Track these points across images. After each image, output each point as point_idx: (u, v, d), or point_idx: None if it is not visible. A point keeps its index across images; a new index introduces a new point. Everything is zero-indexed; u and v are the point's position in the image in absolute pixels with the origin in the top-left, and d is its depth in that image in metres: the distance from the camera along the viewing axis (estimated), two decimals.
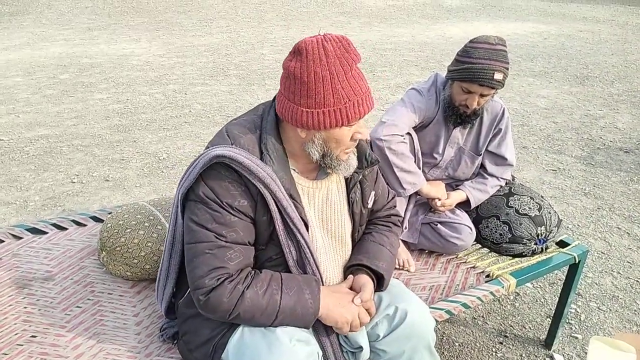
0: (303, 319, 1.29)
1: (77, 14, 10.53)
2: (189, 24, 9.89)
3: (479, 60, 1.81)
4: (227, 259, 1.24)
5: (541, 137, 4.86)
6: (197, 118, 4.94)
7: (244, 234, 1.27)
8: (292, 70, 1.18)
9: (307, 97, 1.19)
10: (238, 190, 1.25)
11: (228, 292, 1.23)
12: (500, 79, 1.82)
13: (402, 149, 1.92)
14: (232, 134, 1.28)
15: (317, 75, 1.17)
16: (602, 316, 2.53)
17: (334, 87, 1.18)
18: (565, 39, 9.67)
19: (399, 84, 6.33)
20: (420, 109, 1.98)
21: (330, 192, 1.41)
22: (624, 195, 3.79)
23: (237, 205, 1.25)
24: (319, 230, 1.41)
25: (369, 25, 10.50)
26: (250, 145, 1.27)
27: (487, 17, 12.17)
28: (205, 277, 1.23)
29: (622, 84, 6.78)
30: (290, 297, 1.28)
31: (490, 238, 2.07)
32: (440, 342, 2.31)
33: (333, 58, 1.17)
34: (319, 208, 1.40)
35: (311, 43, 1.17)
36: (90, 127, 4.62)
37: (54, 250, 1.90)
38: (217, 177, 1.24)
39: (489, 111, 2.06)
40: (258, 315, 1.26)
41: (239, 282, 1.25)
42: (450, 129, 2.05)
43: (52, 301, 1.64)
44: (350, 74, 1.20)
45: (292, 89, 1.20)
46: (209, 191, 1.24)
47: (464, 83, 1.87)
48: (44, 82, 5.93)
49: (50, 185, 3.56)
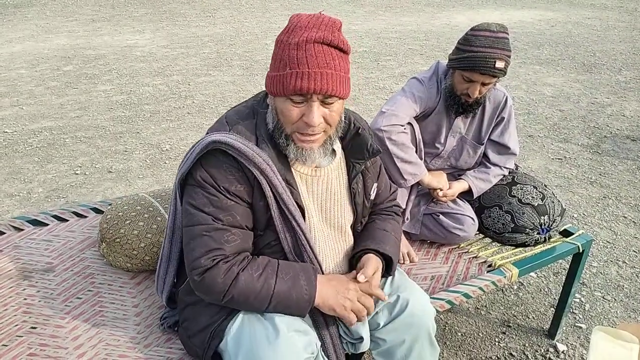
0: (298, 306, 1.28)
1: (81, 6, 10.52)
2: (193, 15, 9.85)
3: (480, 48, 1.78)
4: (223, 240, 1.24)
5: (547, 126, 4.81)
6: (200, 109, 4.93)
7: (241, 218, 1.27)
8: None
9: (273, 60, 1.22)
10: (235, 175, 1.25)
11: (222, 273, 1.22)
12: (502, 67, 1.79)
13: (403, 139, 1.90)
14: (231, 120, 1.29)
15: (283, 43, 1.19)
16: (606, 306, 2.51)
17: (289, 55, 1.16)
18: (573, 26, 9.56)
19: (403, 73, 6.29)
20: (421, 99, 1.96)
21: (330, 181, 1.40)
22: (631, 184, 3.75)
23: (234, 190, 1.25)
24: (319, 219, 1.40)
25: (374, 14, 10.42)
26: (247, 131, 1.27)
27: (493, 4, 12.04)
28: (201, 257, 1.23)
29: (630, 72, 6.69)
30: (285, 282, 1.27)
31: (493, 228, 2.05)
32: (443, 332, 2.30)
33: (300, 29, 1.17)
34: (319, 197, 1.39)
35: (298, 17, 1.20)
36: (94, 119, 4.62)
37: (54, 241, 1.90)
38: (215, 162, 1.25)
39: (491, 100, 2.03)
40: (252, 299, 1.25)
41: (235, 264, 1.25)
42: (452, 118, 2.02)
43: (52, 292, 1.64)
44: (310, 46, 1.15)
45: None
46: (206, 175, 1.25)
47: (465, 72, 1.84)
48: (48, 74, 5.93)
49: (54, 177, 3.56)
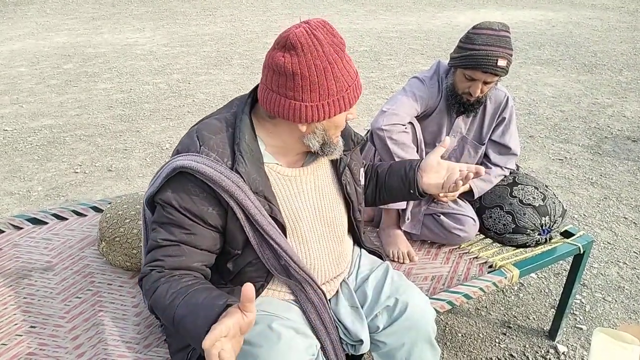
0: (191, 337, 1.08)
1: (81, 4, 10.51)
2: (193, 13, 9.84)
3: (482, 46, 1.77)
4: (166, 254, 1.21)
5: (548, 126, 4.81)
6: (200, 107, 4.93)
7: (197, 238, 1.22)
8: (288, 66, 1.13)
9: (309, 91, 1.14)
10: (200, 197, 1.20)
11: (150, 282, 1.20)
12: (504, 66, 1.78)
13: (404, 138, 1.89)
14: (202, 136, 1.23)
15: (318, 68, 1.13)
16: (607, 307, 2.51)
17: (335, 76, 1.15)
18: (574, 27, 9.55)
19: (404, 73, 6.28)
20: (422, 98, 1.95)
21: (318, 178, 1.38)
22: (632, 184, 3.75)
23: (198, 212, 1.20)
24: (312, 219, 1.37)
25: (375, 13, 10.41)
26: (220, 147, 1.22)
27: (494, 4, 12.03)
28: (145, 265, 1.23)
29: (631, 72, 6.68)
30: (187, 308, 1.11)
31: (494, 228, 2.05)
32: (443, 333, 2.30)
33: (327, 47, 1.14)
34: (310, 195, 1.37)
35: (303, 35, 1.12)
36: (94, 117, 4.62)
37: (54, 240, 1.89)
38: (179, 185, 1.20)
39: (492, 100, 2.02)
40: (161, 312, 1.17)
41: (163, 276, 1.20)
42: (453, 118, 2.01)
43: (51, 291, 1.64)
44: (345, 60, 1.18)
45: (289, 85, 1.14)
46: (168, 197, 1.21)
47: (467, 70, 1.83)
48: (48, 72, 5.93)
49: (54, 176, 3.56)
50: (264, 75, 1.20)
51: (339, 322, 1.43)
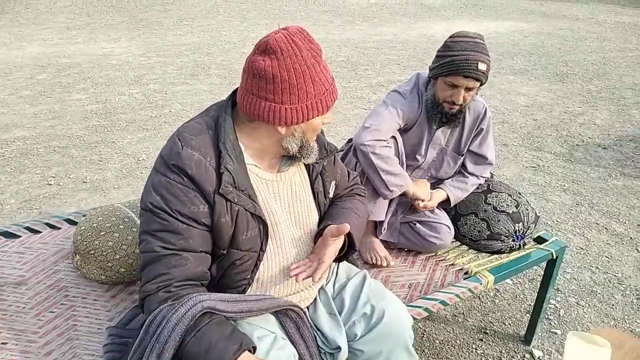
0: None
1: (55, 14, 10.38)
2: (170, 23, 9.80)
3: (461, 52, 1.80)
4: (171, 266, 1.21)
5: (521, 135, 4.90)
6: (177, 118, 4.90)
7: (195, 241, 1.23)
8: (268, 69, 1.16)
9: (289, 94, 1.18)
10: (188, 196, 1.21)
11: (157, 302, 1.20)
12: (484, 70, 1.81)
13: (387, 152, 1.91)
14: (183, 137, 1.24)
15: (297, 72, 1.17)
16: (580, 311, 2.56)
17: (313, 80, 1.19)
18: (546, 37, 9.77)
19: (380, 83, 6.34)
20: (404, 112, 1.97)
21: (294, 183, 1.40)
22: (603, 190, 3.84)
23: (188, 212, 1.21)
24: (288, 224, 1.39)
25: (352, 24, 10.51)
26: (202, 146, 1.23)
27: (468, 15, 12.25)
28: (147, 282, 1.22)
29: (601, 81, 6.86)
30: (198, 346, 1.16)
31: (469, 235, 2.08)
32: (421, 340, 2.31)
33: (305, 52, 1.18)
34: (286, 201, 1.39)
35: (282, 40, 1.16)
36: (68, 128, 4.55)
37: (26, 254, 1.85)
38: (166, 185, 1.21)
39: (471, 111, 2.05)
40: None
41: (170, 297, 1.20)
42: (432, 130, 2.03)
43: (24, 307, 1.61)
44: (322, 65, 1.22)
45: (269, 88, 1.17)
46: (157, 200, 1.22)
47: (448, 77, 1.85)
48: (21, 83, 5.83)
49: (27, 188, 3.49)
50: (243, 80, 1.23)
51: (317, 330, 1.44)
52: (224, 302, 1.24)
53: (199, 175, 1.20)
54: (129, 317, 1.48)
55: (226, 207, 1.24)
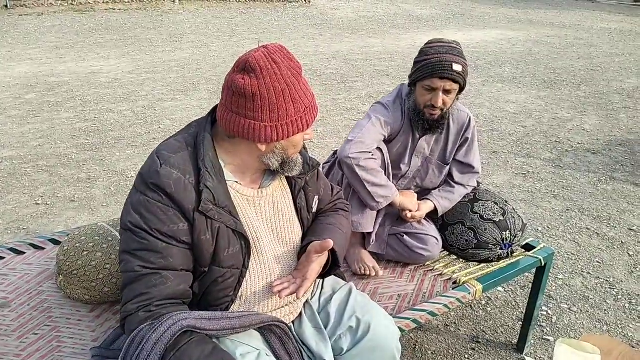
0: None
1: (44, 33, 10.38)
2: (159, 40, 9.82)
3: (436, 55, 1.83)
4: (151, 285, 1.20)
5: (510, 142, 4.92)
6: (166, 134, 4.88)
7: (175, 260, 1.22)
8: (248, 88, 1.16)
9: (269, 112, 1.18)
10: (168, 215, 1.20)
11: (137, 322, 1.19)
12: (460, 71, 1.82)
13: (372, 164, 1.91)
14: (162, 155, 1.23)
15: (277, 90, 1.17)
16: (573, 317, 2.55)
17: (293, 98, 1.19)
18: (533, 45, 9.87)
19: (370, 94, 6.36)
20: (387, 123, 1.97)
21: (276, 198, 1.40)
22: (593, 196, 3.85)
23: (168, 231, 1.20)
24: (270, 239, 1.38)
25: (340, 36, 10.57)
26: (181, 164, 1.22)
27: (456, 25, 12.36)
28: (128, 302, 1.21)
29: (589, 87, 6.92)
30: None
31: (457, 245, 2.07)
32: (413, 351, 2.29)
33: (285, 70, 1.18)
34: (268, 217, 1.38)
35: (262, 59, 1.16)
36: (56, 147, 4.53)
37: (10, 275, 1.83)
38: (145, 204, 1.20)
39: (455, 121, 2.05)
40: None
41: (150, 316, 1.19)
42: (416, 139, 2.04)
43: (7, 329, 1.58)
44: (302, 82, 1.22)
45: (249, 106, 1.17)
46: (136, 219, 1.20)
47: (425, 81, 1.86)
48: (9, 103, 5.80)
49: (14, 208, 3.46)
50: (223, 97, 1.22)
51: (302, 345, 1.42)
52: (205, 320, 1.22)
53: (177, 193, 1.19)
54: (113, 337, 1.46)
55: (206, 224, 1.23)
